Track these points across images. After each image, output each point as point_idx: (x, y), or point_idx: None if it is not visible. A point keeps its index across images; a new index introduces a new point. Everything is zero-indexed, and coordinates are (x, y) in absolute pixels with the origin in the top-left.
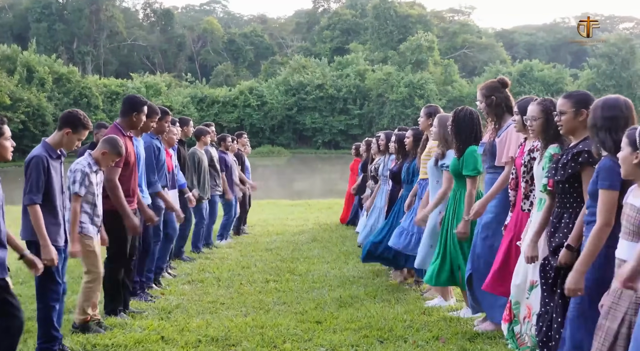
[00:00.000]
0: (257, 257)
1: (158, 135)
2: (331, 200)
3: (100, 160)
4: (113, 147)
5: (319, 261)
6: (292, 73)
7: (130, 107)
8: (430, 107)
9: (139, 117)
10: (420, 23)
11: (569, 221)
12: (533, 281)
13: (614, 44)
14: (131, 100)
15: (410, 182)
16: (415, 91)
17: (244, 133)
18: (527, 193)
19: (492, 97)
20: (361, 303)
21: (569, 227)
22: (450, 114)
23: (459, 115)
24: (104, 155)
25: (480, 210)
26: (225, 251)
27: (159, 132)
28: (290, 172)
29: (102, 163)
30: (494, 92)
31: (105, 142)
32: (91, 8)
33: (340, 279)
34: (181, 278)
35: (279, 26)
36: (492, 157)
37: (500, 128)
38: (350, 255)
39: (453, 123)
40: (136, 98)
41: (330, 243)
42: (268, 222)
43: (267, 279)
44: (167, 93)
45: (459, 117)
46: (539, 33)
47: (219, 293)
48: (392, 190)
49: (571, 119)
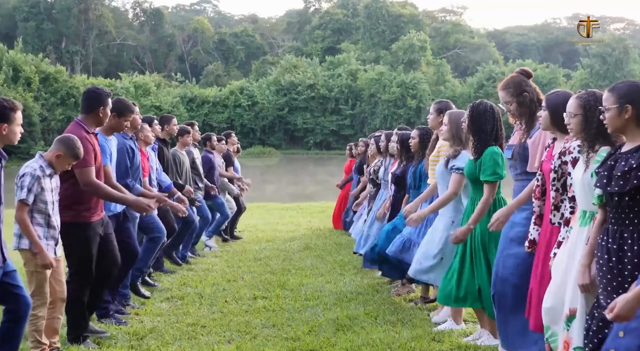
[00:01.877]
0: (244, 268)
1: (132, 133)
2: (324, 203)
3: (54, 163)
4: (68, 148)
5: (312, 273)
6: (283, 73)
7: (96, 100)
8: (440, 102)
9: (105, 112)
10: (412, 23)
11: (633, 242)
12: (573, 310)
13: (607, 44)
14: (95, 93)
15: (417, 186)
16: (407, 91)
17: (232, 133)
18: (557, 204)
19: (525, 94)
20: (361, 325)
21: (633, 250)
22: (466, 109)
23: (476, 110)
24: (58, 158)
25: (503, 219)
26: (211, 261)
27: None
28: (281, 173)
29: (57, 167)
30: (524, 88)
31: (59, 143)
32: (80, 7)
33: (336, 295)
34: (159, 294)
35: (270, 26)
36: (523, 162)
37: (532, 127)
38: (346, 266)
39: (470, 120)
40: (100, 90)
41: (324, 251)
42: (258, 228)
43: (255, 295)
44: (157, 93)
45: (477, 112)
46: (531, 33)
47: (200, 313)
48: (396, 195)
49: (615, 117)
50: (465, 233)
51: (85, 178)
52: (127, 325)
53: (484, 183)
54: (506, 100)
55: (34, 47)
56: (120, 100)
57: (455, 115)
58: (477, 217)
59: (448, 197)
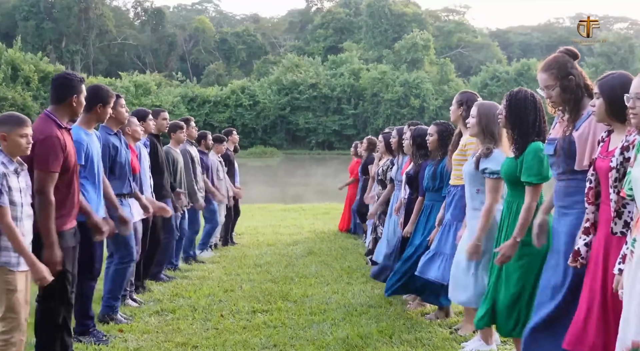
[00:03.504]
0: (243, 275)
1: (117, 128)
2: (327, 205)
3: (8, 151)
4: (5, 121)
5: (317, 282)
6: (285, 72)
7: (67, 88)
8: (464, 93)
9: (79, 101)
10: (415, 22)
11: None
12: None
13: (612, 43)
14: (66, 80)
15: (436, 188)
16: (410, 90)
17: (234, 131)
18: (620, 210)
19: (570, 77)
20: (374, 346)
21: None
22: (503, 99)
23: (516, 99)
24: (5, 141)
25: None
26: (207, 267)
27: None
28: (282, 174)
29: (11, 151)
30: (569, 70)
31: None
32: (80, 6)
33: (345, 308)
34: (149, 307)
35: (272, 26)
36: (569, 158)
37: (578, 118)
38: (354, 273)
39: (508, 110)
40: (72, 75)
41: (329, 256)
42: (258, 230)
43: (254, 308)
44: (157, 93)
45: (516, 101)
46: (534, 33)
47: (193, 330)
48: (410, 197)
49: None
50: (511, 247)
51: (39, 185)
52: (108, 344)
53: (526, 185)
54: (548, 84)
55: (34, 46)
56: (98, 86)
57: (485, 107)
58: (523, 227)
59: (490, 209)
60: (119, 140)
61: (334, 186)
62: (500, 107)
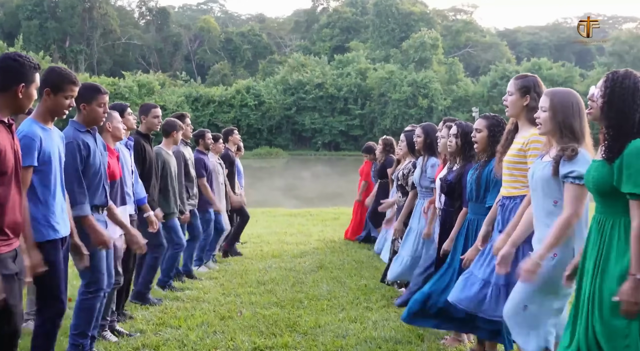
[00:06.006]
0: (244, 296)
1: (92, 125)
2: (337, 209)
3: None
4: None
5: (330, 306)
6: (291, 72)
7: (12, 74)
8: (525, 78)
9: (27, 93)
10: (423, 21)
11: None
12: None
13: (624, 41)
14: (15, 63)
15: (481, 198)
16: (419, 90)
17: (235, 130)
18: None
19: None
20: None
21: None
22: (600, 82)
23: (621, 85)
24: None
25: None
26: (203, 285)
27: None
28: (288, 175)
29: None
30: None
31: None
32: (84, 6)
33: (366, 345)
34: (128, 343)
35: (278, 25)
36: None
37: None
38: (372, 294)
39: (609, 98)
40: (23, 58)
41: (342, 272)
42: (262, 239)
43: (256, 344)
44: (161, 93)
45: (620, 88)
46: (542, 32)
47: None
48: (447, 209)
49: None
50: (635, 291)
51: None
52: None
53: (631, 198)
54: None
55: (37, 45)
56: (55, 69)
57: (561, 96)
58: (637, 257)
59: (568, 221)
60: (92, 139)
61: (342, 188)
62: (593, 92)
